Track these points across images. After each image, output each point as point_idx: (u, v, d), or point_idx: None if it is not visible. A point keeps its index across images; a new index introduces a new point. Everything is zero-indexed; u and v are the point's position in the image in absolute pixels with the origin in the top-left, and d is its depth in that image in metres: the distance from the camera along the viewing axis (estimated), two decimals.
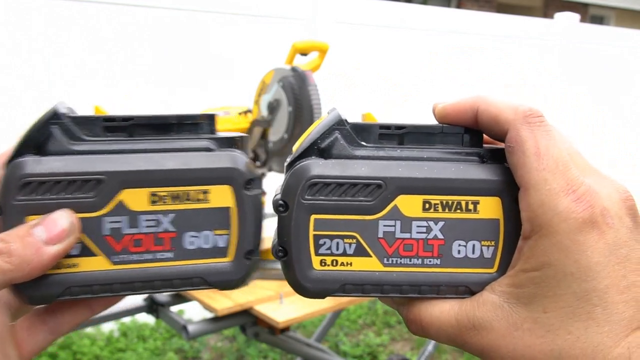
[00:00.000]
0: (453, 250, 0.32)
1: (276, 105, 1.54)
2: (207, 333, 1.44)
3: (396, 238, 0.32)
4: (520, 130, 0.30)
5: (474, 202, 0.32)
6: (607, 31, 5.28)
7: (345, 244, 0.32)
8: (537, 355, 0.29)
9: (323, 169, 0.32)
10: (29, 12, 2.52)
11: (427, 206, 0.32)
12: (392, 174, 0.32)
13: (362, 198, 0.32)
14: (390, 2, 3.69)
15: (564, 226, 0.28)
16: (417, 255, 0.32)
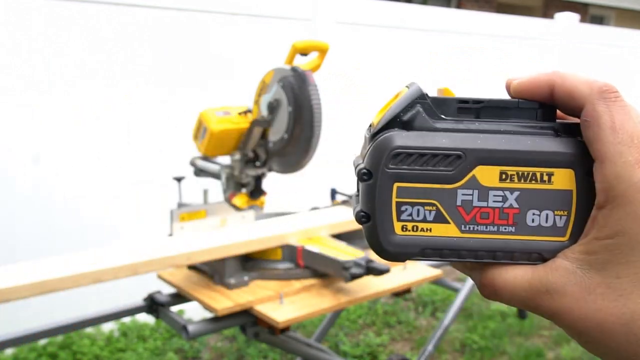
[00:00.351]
0: (527, 218, 0.34)
1: (276, 105, 1.53)
2: (207, 333, 1.44)
3: (473, 206, 0.34)
4: (596, 105, 0.32)
5: (548, 173, 0.34)
6: (607, 31, 5.28)
7: (426, 211, 0.34)
8: (608, 318, 0.30)
9: (406, 140, 0.34)
10: (29, 12, 2.52)
11: (504, 177, 0.34)
12: (471, 145, 0.34)
13: (442, 168, 0.34)
14: (390, 2, 3.69)
15: (638, 196, 0.30)
16: (493, 223, 0.34)
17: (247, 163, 1.64)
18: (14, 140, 2.56)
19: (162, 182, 2.38)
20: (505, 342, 3.01)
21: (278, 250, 1.56)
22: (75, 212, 2.71)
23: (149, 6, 2.76)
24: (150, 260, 1.35)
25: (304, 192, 3.34)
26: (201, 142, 1.63)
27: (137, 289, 1.92)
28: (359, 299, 1.50)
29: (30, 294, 1.20)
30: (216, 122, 1.58)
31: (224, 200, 1.65)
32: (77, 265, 1.29)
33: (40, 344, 2.69)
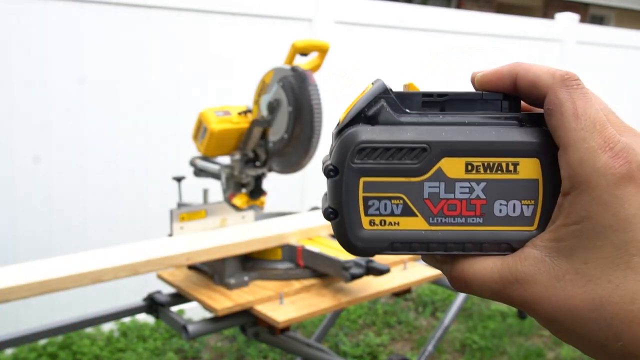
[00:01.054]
0: (495, 209, 0.34)
1: (276, 105, 1.53)
2: (207, 333, 1.44)
3: (440, 198, 0.34)
4: (559, 93, 0.32)
5: (513, 163, 0.34)
6: (607, 31, 5.28)
7: (393, 205, 0.34)
8: (578, 304, 0.31)
9: (371, 134, 0.34)
10: (27, 12, 2.52)
11: (470, 168, 0.34)
12: (436, 137, 0.34)
13: (408, 161, 0.34)
14: (390, 2, 3.69)
15: (602, 181, 0.30)
16: (461, 215, 0.34)
17: (247, 163, 1.64)
18: (14, 141, 2.56)
19: (162, 182, 2.38)
20: (505, 342, 3.01)
21: (278, 250, 1.56)
22: (75, 212, 2.72)
23: (149, 6, 2.76)
24: (150, 260, 1.35)
25: (304, 192, 3.34)
26: (201, 142, 1.63)
27: (137, 289, 1.92)
28: (359, 299, 1.50)
29: (30, 294, 1.20)
30: (216, 122, 1.58)
31: (224, 200, 1.65)
32: (77, 265, 1.29)
33: (40, 344, 2.69)
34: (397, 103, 0.35)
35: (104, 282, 1.30)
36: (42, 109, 2.59)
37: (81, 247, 1.58)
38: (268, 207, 1.78)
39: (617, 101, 5.00)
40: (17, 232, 2.60)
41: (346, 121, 0.35)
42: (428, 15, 3.91)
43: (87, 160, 2.72)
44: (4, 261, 1.39)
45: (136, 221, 2.80)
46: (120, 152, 2.80)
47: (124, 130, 2.79)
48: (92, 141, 2.72)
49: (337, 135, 0.35)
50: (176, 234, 1.55)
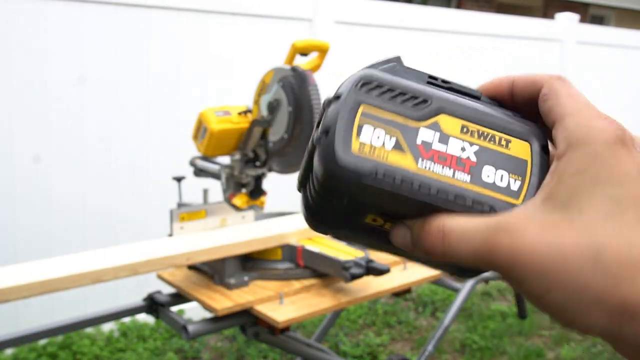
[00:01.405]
0: (483, 173, 0.35)
1: (276, 105, 1.53)
2: (207, 333, 1.44)
3: (432, 148, 0.34)
4: (554, 83, 0.35)
5: (506, 140, 0.35)
6: (607, 31, 5.27)
7: (386, 136, 0.34)
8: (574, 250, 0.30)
9: (379, 74, 0.35)
10: (24, 13, 2.52)
11: (465, 130, 0.35)
12: (438, 95, 0.35)
13: (408, 106, 0.35)
14: (390, 2, 3.69)
15: (599, 138, 0.31)
16: (450, 167, 0.34)
17: (247, 163, 1.64)
18: (14, 141, 2.56)
19: (162, 182, 2.38)
20: (505, 342, 3.01)
21: (278, 250, 1.56)
22: (76, 212, 2.71)
23: (149, 6, 2.76)
24: (150, 260, 1.35)
25: None
26: (201, 142, 1.63)
27: (137, 289, 1.92)
28: (359, 299, 1.50)
29: (30, 294, 1.20)
30: (216, 122, 1.58)
31: (224, 200, 1.65)
32: (77, 265, 1.29)
33: (40, 344, 2.69)
34: (406, 70, 0.36)
35: (104, 282, 1.30)
36: (42, 109, 2.59)
37: (81, 247, 1.58)
38: (268, 207, 1.78)
39: (617, 101, 5.00)
40: (17, 232, 2.60)
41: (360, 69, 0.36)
42: (428, 15, 3.91)
43: (87, 160, 2.72)
44: (4, 261, 1.39)
45: (136, 221, 2.80)
46: (120, 152, 2.80)
47: (124, 130, 2.79)
48: (92, 141, 2.72)
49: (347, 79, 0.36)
50: (176, 234, 1.55)
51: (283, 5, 3.17)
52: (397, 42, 3.72)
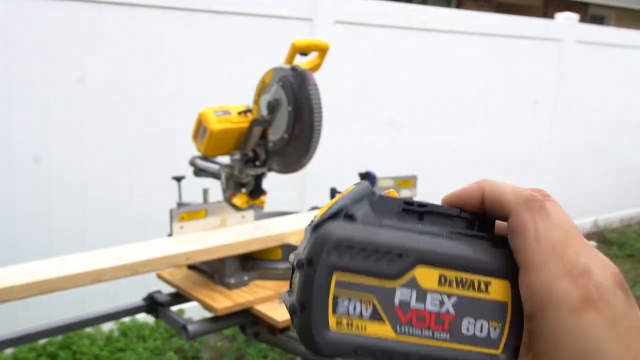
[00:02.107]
0: (462, 326, 0.34)
1: (276, 105, 1.53)
2: (207, 333, 1.44)
3: (411, 308, 0.33)
4: (522, 214, 0.32)
5: (485, 282, 0.34)
6: (607, 31, 5.28)
7: (363, 307, 0.33)
8: None
9: (350, 231, 0.33)
10: (24, 13, 2.52)
11: (443, 280, 0.34)
12: (414, 244, 0.33)
13: (383, 264, 0.33)
14: (390, 2, 3.69)
15: (562, 307, 0.30)
16: (429, 328, 0.34)
17: (247, 163, 1.64)
18: (14, 141, 2.56)
19: (162, 182, 2.38)
20: None
21: (278, 250, 1.56)
22: (75, 213, 2.72)
23: (148, 6, 2.76)
24: (150, 260, 1.35)
25: (304, 192, 3.34)
26: (201, 141, 1.63)
27: (137, 289, 1.92)
28: None
29: (30, 294, 1.20)
30: (216, 121, 1.58)
31: (224, 200, 1.65)
32: (77, 265, 1.29)
33: (40, 344, 2.69)
34: (379, 206, 0.34)
35: (104, 282, 1.30)
36: (42, 109, 2.59)
37: (81, 247, 1.58)
38: (268, 207, 1.78)
39: (617, 101, 5.01)
40: (17, 232, 2.60)
41: (325, 216, 0.34)
42: (428, 15, 3.91)
43: (87, 160, 2.72)
44: (4, 261, 1.39)
45: (136, 221, 2.80)
46: (120, 151, 2.80)
47: (124, 129, 2.79)
48: (92, 141, 2.72)
49: (312, 230, 0.34)
50: (176, 233, 1.55)
51: (283, 5, 3.17)
52: (397, 42, 3.72)
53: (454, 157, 4.10)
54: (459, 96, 4.06)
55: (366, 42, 3.58)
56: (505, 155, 4.41)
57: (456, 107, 4.07)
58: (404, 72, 3.77)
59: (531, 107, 4.49)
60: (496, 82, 4.24)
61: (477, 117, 4.21)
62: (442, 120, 4.01)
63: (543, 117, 4.60)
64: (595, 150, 4.95)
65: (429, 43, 3.86)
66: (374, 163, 2.10)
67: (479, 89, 4.16)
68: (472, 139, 4.18)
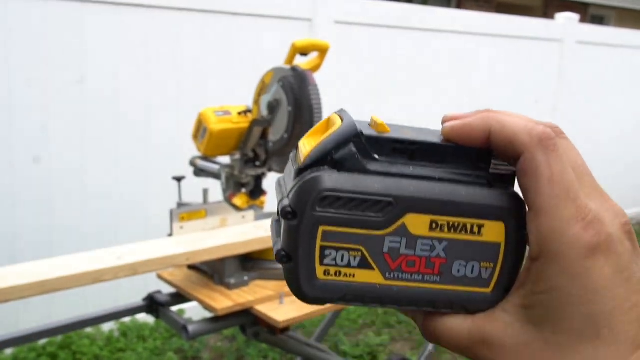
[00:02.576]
0: (453, 269, 0.34)
1: (276, 105, 1.53)
2: (207, 333, 1.44)
3: (400, 254, 0.33)
4: (536, 155, 0.31)
5: (479, 225, 0.33)
6: (607, 31, 5.28)
7: (350, 257, 0.33)
8: None
9: (335, 182, 0.32)
10: (24, 13, 2.52)
11: (434, 226, 0.33)
12: (403, 192, 0.32)
13: (371, 214, 0.32)
14: (390, 2, 3.69)
15: (572, 253, 0.30)
16: (419, 272, 0.33)
17: (247, 163, 1.64)
18: (14, 140, 2.56)
19: (162, 182, 2.38)
20: None
21: None
22: (75, 212, 2.72)
23: (149, 6, 2.76)
24: (150, 260, 1.35)
25: None
26: (201, 141, 1.63)
27: (137, 289, 1.92)
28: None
29: (30, 294, 1.20)
30: (216, 122, 1.58)
31: (224, 200, 1.65)
32: (77, 265, 1.29)
33: (40, 344, 2.69)
34: (366, 148, 0.33)
35: (104, 282, 1.30)
36: (42, 109, 2.59)
37: (81, 247, 1.58)
38: (268, 207, 1.78)
39: (617, 101, 5.01)
40: (17, 232, 2.60)
41: (309, 161, 0.32)
42: (428, 15, 3.91)
43: (87, 160, 2.72)
44: (4, 261, 1.39)
45: (136, 221, 2.80)
46: (120, 151, 2.80)
47: (124, 129, 2.79)
48: (92, 141, 2.72)
49: (297, 174, 0.33)
50: (176, 234, 1.55)
51: (283, 5, 3.17)
52: (397, 42, 3.72)
53: None
54: (458, 96, 4.06)
55: (366, 42, 3.58)
56: None
57: (456, 107, 4.07)
58: (404, 72, 3.77)
59: (531, 107, 4.49)
60: (496, 82, 4.24)
61: None
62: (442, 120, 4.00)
63: (543, 118, 4.59)
64: (595, 150, 4.95)
65: (429, 43, 3.86)
66: None
67: (479, 89, 4.16)
68: None
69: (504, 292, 0.34)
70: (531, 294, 0.31)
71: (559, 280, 0.30)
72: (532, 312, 0.31)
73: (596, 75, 4.82)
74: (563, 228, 0.30)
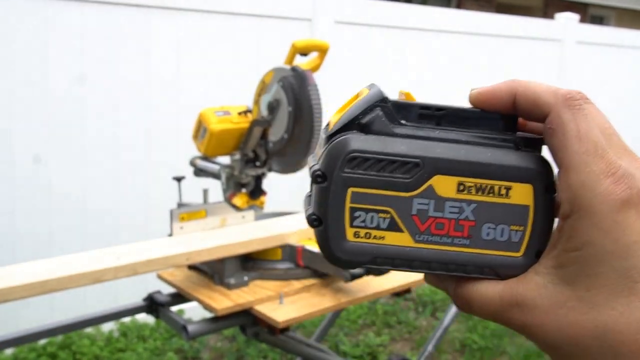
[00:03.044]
0: (482, 232, 0.34)
1: (276, 105, 1.53)
2: (207, 333, 1.44)
3: (429, 216, 0.33)
4: (562, 113, 0.31)
5: (506, 187, 0.33)
6: (607, 31, 5.27)
7: (380, 218, 0.33)
8: (581, 331, 0.30)
9: (363, 143, 0.33)
10: (24, 13, 2.52)
11: (462, 188, 0.33)
12: (430, 154, 0.33)
13: (399, 175, 0.33)
14: (390, 2, 3.69)
15: (603, 207, 0.30)
16: (448, 234, 0.34)
17: (247, 163, 1.64)
18: (14, 140, 2.56)
19: (162, 182, 2.38)
20: (505, 342, 3.01)
21: (278, 250, 1.56)
22: (76, 212, 2.71)
23: (149, 6, 2.76)
24: (150, 260, 1.35)
25: (304, 192, 3.33)
26: (201, 142, 1.63)
27: (137, 289, 1.92)
28: (359, 299, 1.50)
29: (30, 294, 1.20)
30: (216, 122, 1.58)
31: (224, 200, 1.65)
32: (77, 265, 1.29)
33: (40, 344, 2.69)
34: (392, 113, 0.33)
35: (104, 282, 1.30)
36: (42, 109, 2.59)
37: (81, 247, 1.58)
38: (268, 207, 1.78)
39: (617, 101, 5.00)
40: (17, 232, 2.60)
41: (338, 126, 0.33)
42: (428, 15, 3.91)
43: (87, 160, 2.72)
44: (4, 261, 1.39)
45: (136, 221, 2.80)
46: (120, 151, 2.80)
47: (124, 129, 2.79)
48: (92, 141, 2.72)
49: (327, 140, 0.34)
50: (176, 234, 1.55)
51: (283, 5, 3.17)
52: (397, 42, 3.72)
53: None
54: (458, 96, 4.05)
55: (366, 42, 3.58)
56: None
57: None
58: (404, 72, 3.77)
59: None
60: (496, 82, 4.23)
61: None
62: None
63: None
64: None
65: (429, 43, 3.86)
66: None
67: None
68: None
69: (535, 256, 0.34)
70: (563, 253, 0.31)
71: (592, 236, 0.30)
72: (564, 271, 0.31)
73: (596, 75, 4.82)
74: (593, 182, 0.30)
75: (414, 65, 3.81)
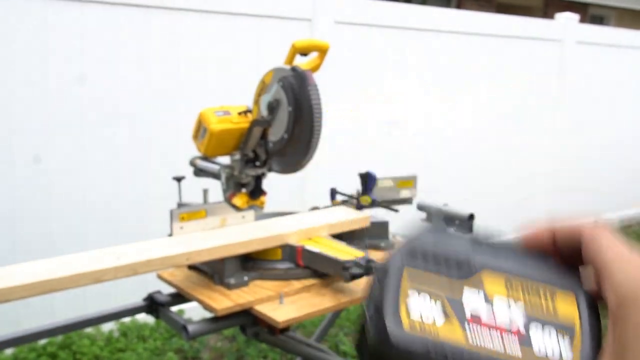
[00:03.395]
0: (530, 330, 0.34)
1: (276, 105, 1.53)
2: (207, 333, 1.44)
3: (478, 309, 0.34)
4: (594, 230, 0.35)
5: (551, 291, 0.35)
6: (607, 31, 5.28)
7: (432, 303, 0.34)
8: None
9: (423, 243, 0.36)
10: (24, 13, 2.52)
11: (509, 285, 0.35)
12: (480, 255, 0.36)
13: (452, 266, 0.35)
14: (390, 2, 3.69)
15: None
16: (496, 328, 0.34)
17: (247, 163, 1.64)
18: (14, 140, 2.56)
19: (162, 182, 2.38)
20: None
21: (278, 250, 1.56)
22: (76, 213, 2.72)
23: (149, 6, 2.76)
24: (150, 260, 1.35)
25: (304, 192, 3.34)
26: (201, 142, 1.63)
27: (137, 289, 1.92)
28: (359, 299, 1.50)
29: (30, 294, 1.20)
30: (216, 122, 1.58)
31: (224, 200, 1.65)
32: (77, 265, 1.28)
33: (40, 344, 2.69)
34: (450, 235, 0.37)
35: (104, 282, 1.30)
36: (42, 109, 2.59)
37: (81, 247, 1.58)
38: (268, 207, 1.78)
39: (617, 101, 5.00)
40: (17, 232, 2.60)
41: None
42: (428, 15, 3.91)
43: (87, 160, 2.72)
44: (4, 261, 1.39)
45: (136, 221, 2.80)
46: (120, 151, 2.80)
47: (124, 130, 2.79)
48: (92, 141, 2.72)
49: None
50: (176, 234, 1.55)
51: (283, 5, 3.17)
52: (397, 42, 3.72)
53: (455, 157, 4.10)
54: (459, 96, 4.06)
55: (366, 42, 3.58)
56: (505, 156, 4.41)
57: (456, 107, 4.07)
58: (404, 72, 3.77)
59: (531, 107, 4.49)
60: (496, 82, 4.24)
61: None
62: (441, 119, 4.01)
63: (543, 117, 4.60)
64: (595, 150, 4.95)
65: (428, 43, 3.86)
66: (374, 163, 2.10)
67: (479, 89, 4.16)
68: (472, 138, 4.18)
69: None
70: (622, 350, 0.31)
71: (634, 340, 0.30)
72: None
73: (596, 75, 4.82)
74: (636, 273, 0.32)
75: (414, 65, 3.81)
